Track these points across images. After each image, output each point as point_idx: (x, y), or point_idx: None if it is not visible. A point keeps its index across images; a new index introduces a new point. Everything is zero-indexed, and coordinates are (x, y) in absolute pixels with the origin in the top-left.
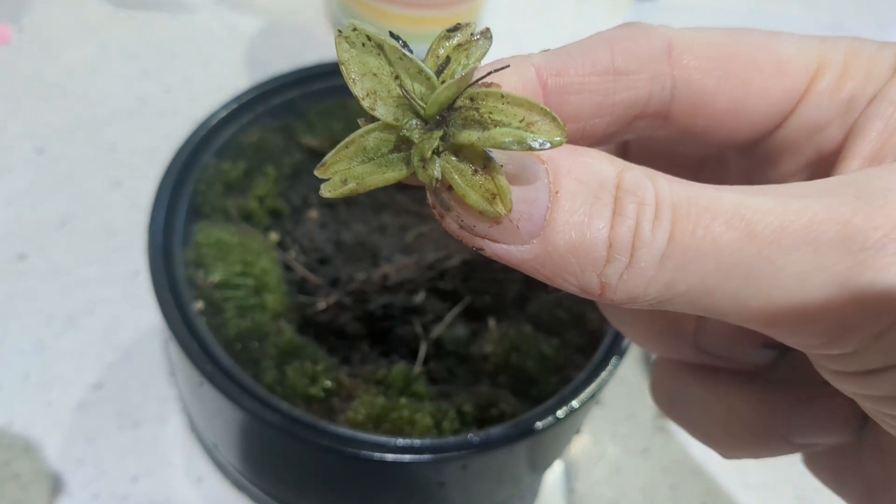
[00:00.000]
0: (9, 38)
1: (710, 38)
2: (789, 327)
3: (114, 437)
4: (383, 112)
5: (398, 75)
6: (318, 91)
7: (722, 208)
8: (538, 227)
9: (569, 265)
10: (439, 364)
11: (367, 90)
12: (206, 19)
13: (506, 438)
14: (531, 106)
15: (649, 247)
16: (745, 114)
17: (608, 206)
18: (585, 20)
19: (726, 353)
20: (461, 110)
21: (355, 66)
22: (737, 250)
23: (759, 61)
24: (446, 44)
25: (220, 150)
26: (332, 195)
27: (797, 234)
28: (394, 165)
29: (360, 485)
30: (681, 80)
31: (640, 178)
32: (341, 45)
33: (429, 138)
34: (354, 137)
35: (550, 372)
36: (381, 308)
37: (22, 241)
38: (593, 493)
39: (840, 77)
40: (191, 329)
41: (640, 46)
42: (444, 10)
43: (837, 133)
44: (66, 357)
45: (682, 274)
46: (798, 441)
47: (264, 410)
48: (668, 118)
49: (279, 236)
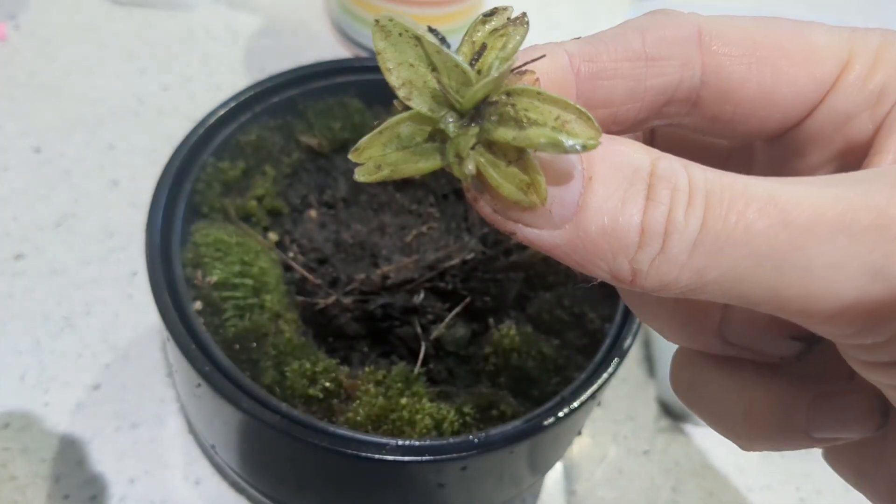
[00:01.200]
0: (6, 35)
1: (740, 25)
2: (822, 316)
3: (111, 438)
4: (419, 103)
5: (435, 67)
6: (316, 90)
7: (755, 195)
8: (571, 212)
9: (600, 251)
10: (439, 364)
11: (402, 80)
12: (204, 18)
13: (506, 439)
14: (566, 105)
15: (682, 233)
16: (773, 101)
17: (641, 192)
18: (585, 20)
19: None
20: (497, 105)
21: (392, 56)
22: (770, 238)
23: (789, 49)
24: (483, 28)
25: (219, 149)
26: (366, 180)
27: (832, 223)
28: (428, 155)
29: (360, 486)
30: (710, 66)
31: (674, 165)
32: (377, 35)
33: (465, 135)
34: (389, 125)
35: (551, 372)
36: (381, 308)
37: (19, 241)
38: (594, 495)
39: (871, 68)
40: (189, 329)
41: (670, 33)
42: (443, 9)
43: (867, 124)
44: (63, 358)
45: (715, 261)
46: (818, 435)
47: (263, 411)
48: (697, 104)
49: (278, 236)
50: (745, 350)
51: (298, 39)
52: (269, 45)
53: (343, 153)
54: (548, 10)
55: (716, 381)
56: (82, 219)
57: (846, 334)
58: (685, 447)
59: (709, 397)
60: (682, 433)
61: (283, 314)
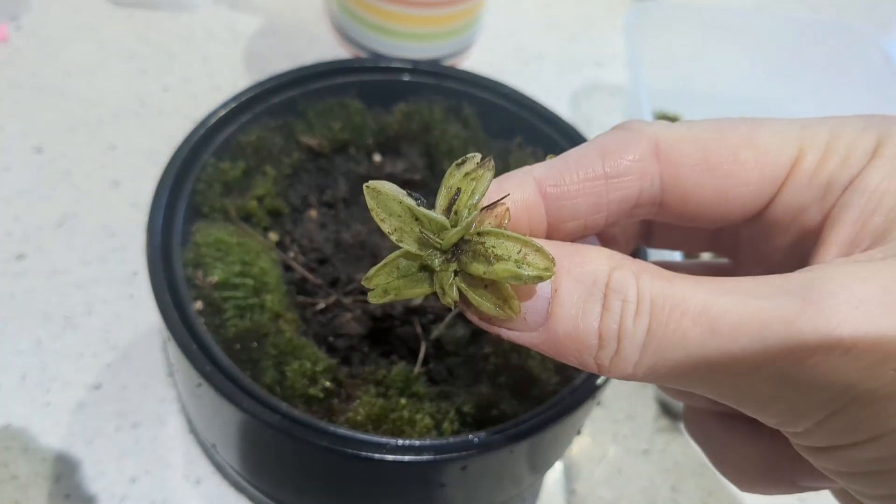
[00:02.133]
0: (7, 36)
1: (695, 134)
2: (752, 408)
3: (112, 437)
4: (408, 244)
5: (417, 218)
6: (317, 90)
7: (691, 306)
8: (542, 318)
9: (569, 350)
10: (439, 364)
11: (393, 227)
12: (205, 18)
13: (506, 439)
14: (525, 242)
15: (631, 337)
16: (730, 200)
17: (599, 302)
18: (585, 20)
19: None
20: (470, 243)
21: (383, 211)
22: (701, 343)
23: (740, 155)
24: (457, 173)
25: (219, 149)
26: (377, 302)
27: (751, 333)
28: (421, 282)
29: (360, 486)
30: (667, 175)
31: (626, 277)
32: (369, 195)
33: (445, 271)
34: (390, 259)
35: (551, 372)
36: (381, 308)
37: (20, 241)
38: (594, 494)
39: (819, 161)
40: (190, 329)
41: (628, 150)
42: (443, 10)
43: (816, 215)
44: (64, 357)
45: (660, 360)
46: (805, 484)
47: (263, 411)
48: (662, 206)
49: (278, 236)
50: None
51: (299, 40)
52: (270, 46)
53: (343, 153)
54: (548, 10)
55: (716, 432)
56: (83, 219)
57: (773, 423)
58: (684, 447)
59: (711, 445)
60: (681, 433)
61: (283, 314)
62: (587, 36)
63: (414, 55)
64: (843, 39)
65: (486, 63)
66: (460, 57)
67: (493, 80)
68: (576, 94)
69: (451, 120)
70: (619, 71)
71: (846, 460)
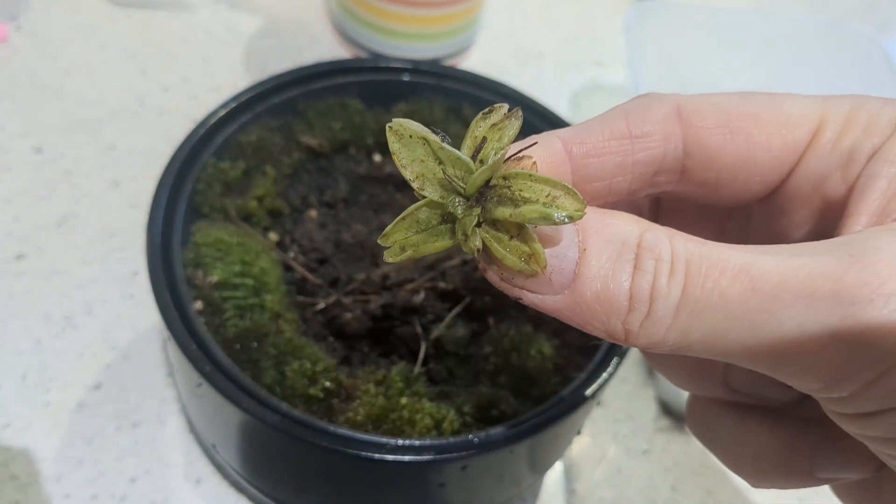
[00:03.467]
0: (7, 36)
1: (716, 101)
2: (791, 372)
3: (112, 437)
4: (430, 191)
5: (441, 161)
6: (317, 90)
7: (729, 265)
8: (568, 279)
9: (596, 313)
10: (439, 364)
11: (416, 174)
12: (204, 18)
13: (506, 439)
14: (555, 184)
15: (665, 298)
16: (751, 166)
17: (630, 262)
18: (585, 20)
19: (755, 391)
20: (496, 188)
21: (405, 155)
22: (742, 302)
23: (762, 118)
24: (483, 123)
25: (219, 149)
26: (394, 261)
27: (795, 289)
28: (442, 235)
29: (360, 485)
30: (690, 138)
31: (658, 237)
32: (391, 138)
33: (469, 215)
34: (409, 212)
35: (551, 372)
36: (381, 308)
37: (20, 241)
38: (594, 494)
39: (841, 131)
40: (190, 329)
41: (652, 112)
42: (443, 10)
43: (839, 185)
44: (64, 357)
45: (695, 322)
46: (822, 476)
47: (263, 411)
48: (683, 173)
49: (278, 236)
50: (750, 396)
51: (299, 40)
52: (270, 46)
53: (343, 153)
54: (548, 10)
55: (726, 424)
56: (83, 219)
57: (814, 389)
58: (684, 446)
59: (720, 438)
60: (681, 433)
61: (283, 314)
62: (587, 36)
63: (414, 55)
64: (842, 40)
65: (486, 63)
66: (460, 57)
67: (493, 80)
68: (576, 94)
69: (451, 120)
70: (619, 71)
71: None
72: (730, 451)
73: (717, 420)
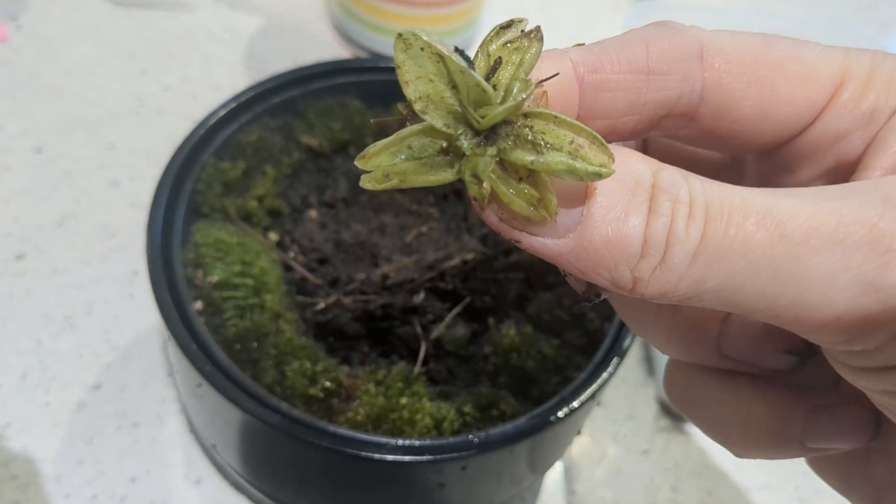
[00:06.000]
0: (7, 36)
1: (741, 41)
2: (815, 324)
3: (112, 437)
4: (435, 117)
5: (455, 85)
6: (317, 90)
7: (754, 208)
8: (575, 221)
9: (603, 259)
10: (439, 364)
11: (420, 93)
12: (204, 18)
13: (506, 439)
14: (580, 130)
15: (683, 243)
16: (769, 119)
17: (644, 204)
18: (585, 20)
19: (748, 357)
20: (513, 126)
21: (411, 69)
22: (767, 249)
23: (787, 68)
24: (497, 40)
25: (219, 149)
26: (373, 188)
27: (826, 236)
28: (439, 168)
29: (360, 485)
30: (710, 82)
31: (675, 177)
32: (399, 47)
33: (482, 155)
34: (402, 135)
35: (551, 372)
36: (381, 308)
37: (20, 241)
38: (594, 494)
39: (863, 88)
40: (190, 329)
41: (674, 46)
42: (443, 10)
43: (858, 143)
44: (64, 357)
45: (713, 271)
46: (812, 445)
47: (264, 411)
48: (694, 119)
49: (278, 236)
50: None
51: (299, 40)
52: (270, 46)
53: (343, 153)
54: (548, 10)
55: (712, 391)
56: (83, 219)
57: (837, 341)
58: (684, 446)
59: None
60: (681, 433)
61: (283, 314)
62: (587, 36)
63: None
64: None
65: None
66: None
67: None
68: None
69: None
70: None
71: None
72: (716, 419)
73: (701, 387)
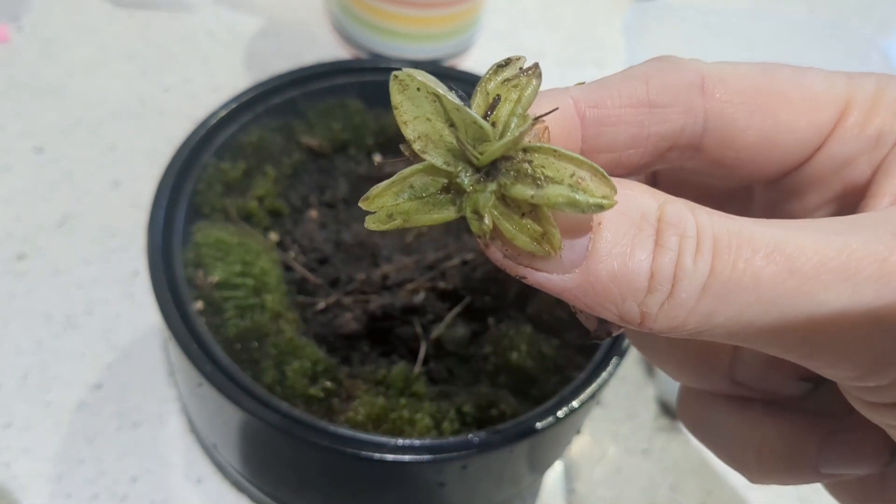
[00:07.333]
0: (8, 37)
1: (742, 71)
2: (828, 360)
3: (113, 437)
4: (434, 156)
5: (453, 123)
6: (317, 91)
7: (762, 242)
8: (580, 256)
9: (610, 294)
10: (439, 364)
11: (419, 133)
12: (205, 19)
13: (506, 439)
14: (580, 162)
15: (691, 278)
16: (774, 147)
17: (650, 238)
18: (585, 20)
19: (761, 385)
20: (513, 161)
21: (408, 109)
22: (777, 284)
23: (790, 96)
24: (496, 78)
25: (220, 149)
26: (378, 228)
27: (836, 271)
28: (442, 206)
29: (360, 485)
30: (713, 112)
31: (681, 210)
32: (395, 87)
33: (482, 191)
34: (403, 175)
35: (550, 372)
36: (381, 308)
37: (21, 241)
38: (594, 494)
39: (868, 113)
40: (190, 329)
41: (674, 80)
42: (443, 10)
43: (865, 169)
44: (65, 357)
45: (722, 305)
46: (827, 471)
47: (264, 410)
48: (699, 150)
49: (279, 236)
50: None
51: (299, 40)
52: (270, 47)
53: (343, 154)
54: (548, 10)
55: (725, 417)
56: (84, 219)
57: (850, 377)
58: (684, 446)
59: (718, 433)
60: (680, 432)
61: (283, 314)
62: (587, 36)
63: (414, 56)
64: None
65: (486, 63)
66: (460, 57)
67: None
68: None
69: None
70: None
71: None
72: (730, 445)
73: (715, 413)
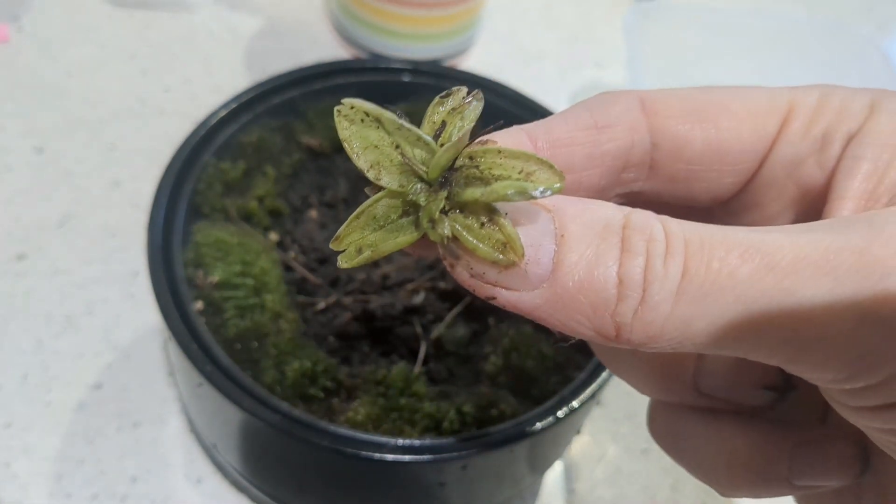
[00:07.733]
0: (8, 37)
1: (680, 93)
2: (813, 361)
3: (113, 437)
4: (388, 181)
5: (398, 144)
6: (317, 91)
7: (736, 242)
8: (547, 270)
9: (580, 307)
10: (439, 364)
11: (370, 162)
12: (205, 19)
13: (506, 439)
14: (528, 157)
15: (662, 281)
16: (722, 155)
17: (616, 245)
18: (585, 20)
19: (726, 395)
20: (462, 169)
21: (357, 142)
22: (756, 281)
23: (730, 107)
24: (440, 109)
25: (220, 149)
26: (350, 265)
27: (816, 265)
28: (404, 230)
29: (361, 485)
30: (657, 128)
31: (648, 217)
32: (341, 123)
33: (434, 199)
34: (364, 208)
35: (550, 372)
36: (381, 308)
37: (21, 241)
38: (593, 494)
39: (812, 117)
40: (190, 329)
41: (613, 104)
42: (443, 10)
43: (815, 170)
44: (65, 357)
45: (700, 309)
46: (799, 483)
47: (264, 411)
48: (653, 167)
49: (279, 236)
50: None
51: (299, 40)
52: (270, 46)
53: (343, 154)
54: (548, 10)
55: (694, 430)
56: (84, 219)
57: (836, 379)
58: None
59: (687, 446)
60: None
61: (283, 314)
62: (587, 36)
63: (414, 56)
64: (841, 40)
65: (486, 63)
66: (460, 57)
67: (493, 81)
68: (576, 94)
69: None
70: (619, 71)
71: None
72: (699, 459)
73: (683, 426)
